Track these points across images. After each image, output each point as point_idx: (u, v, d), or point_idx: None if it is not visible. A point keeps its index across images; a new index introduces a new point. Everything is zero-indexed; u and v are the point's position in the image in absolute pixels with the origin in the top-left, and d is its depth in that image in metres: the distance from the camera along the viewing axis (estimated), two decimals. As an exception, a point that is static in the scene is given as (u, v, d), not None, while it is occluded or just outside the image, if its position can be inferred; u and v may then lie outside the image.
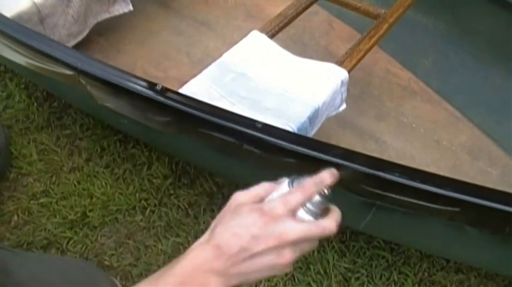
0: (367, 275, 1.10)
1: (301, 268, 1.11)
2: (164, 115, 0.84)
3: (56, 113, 1.45)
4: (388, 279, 1.10)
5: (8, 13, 1.12)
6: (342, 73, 1.00)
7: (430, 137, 1.27)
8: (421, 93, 1.37)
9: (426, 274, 1.10)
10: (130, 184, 1.27)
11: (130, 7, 1.44)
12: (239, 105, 0.94)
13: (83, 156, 1.33)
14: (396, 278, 1.09)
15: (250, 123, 0.75)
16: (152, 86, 0.80)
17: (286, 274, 1.10)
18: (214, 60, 1.03)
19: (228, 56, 1.04)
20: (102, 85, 0.87)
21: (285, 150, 0.72)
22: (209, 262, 0.46)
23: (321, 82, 0.98)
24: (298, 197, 0.48)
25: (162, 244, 1.16)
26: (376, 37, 1.09)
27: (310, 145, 0.71)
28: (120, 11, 1.43)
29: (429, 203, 0.67)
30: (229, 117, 0.76)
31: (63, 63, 0.89)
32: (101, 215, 1.21)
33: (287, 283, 1.09)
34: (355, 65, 1.04)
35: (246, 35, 1.08)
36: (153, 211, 1.22)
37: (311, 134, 0.97)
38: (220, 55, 1.04)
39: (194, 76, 0.99)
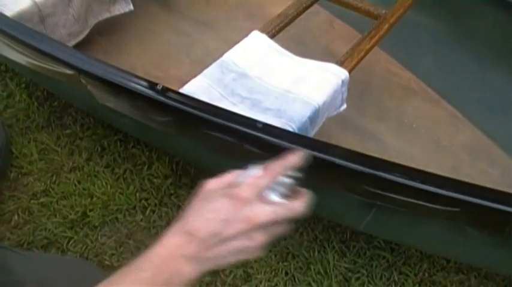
0: (368, 276, 1.10)
1: (301, 268, 1.11)
2: (165, 115, 0.84)
3: (56, 112, 1.45)
4: (388, 279, 1.10)
5: (8, 12, 1.12)
6: (343, 73, 1.00)
7: (430, 137, 1.27)
8: (421, 93, 1.37)
9: (426, 274, 1.10)
10: (131, 184, 1.27)
11: (131, 7, 1.44)
12: (240, 105, 0.94)
13: (84, 155, 1.33)
14: (396, 279, 1.09)
15: (250, 123, 0.75)
16: (153, 85, 0.80)
17: (286, 273, 1.10)
18: (214, 60, 1.03)
19: (229, 56, 1.04)
20: (103, 85, 0.87)
21: (286, 150, 0.72)
22: (181, 247, 0.47)
23: (321, 82, 0.98)
24: (265, 179, 0.49)
25: (162, 244, 1.16)
26: (377, 37, 1.10)
27: (311, 145, 0.71)
28: (121, 11, 1.43)
29: (429, 203, 0.67)
30: (230, 117, 0.77)
31: (63, 62, 0.89)
32: (101, 214, 1.21)
33: (287, 283, 1.09)
34: (355, 65, 1.04)
35: (246, 35, 1.08)
36: (154, 211, 1.22)
37: (311, 134, 0.97)
38: (221, 55, 1.04)
39: (195, 76, 0.99)
